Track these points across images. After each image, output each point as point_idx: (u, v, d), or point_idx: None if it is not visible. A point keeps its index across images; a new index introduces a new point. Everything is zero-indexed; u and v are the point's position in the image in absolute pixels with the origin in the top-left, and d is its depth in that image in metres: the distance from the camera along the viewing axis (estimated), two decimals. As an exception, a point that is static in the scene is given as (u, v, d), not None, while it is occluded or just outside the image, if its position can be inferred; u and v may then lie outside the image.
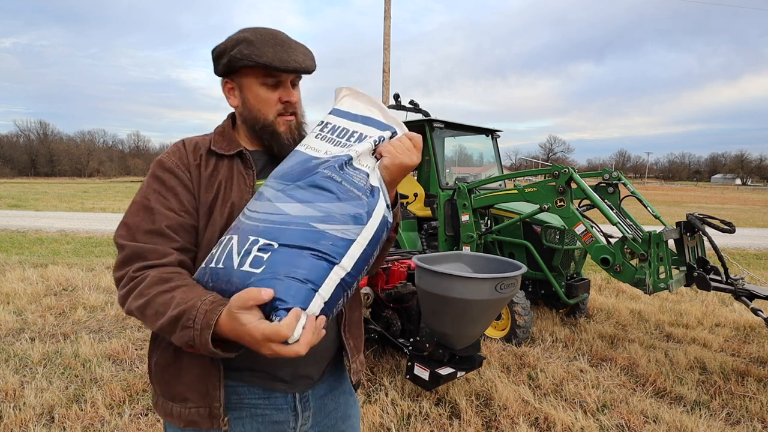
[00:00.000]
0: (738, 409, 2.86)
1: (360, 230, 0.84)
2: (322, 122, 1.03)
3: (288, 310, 0.73)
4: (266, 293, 0.73)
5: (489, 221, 4.65)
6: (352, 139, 0.96)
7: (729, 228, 3.36)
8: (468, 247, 4.38)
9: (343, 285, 0.81)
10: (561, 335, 4.05)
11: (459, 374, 2.67)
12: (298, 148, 1.00)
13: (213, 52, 1.06)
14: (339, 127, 1.00)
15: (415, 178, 6.23)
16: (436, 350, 2.62)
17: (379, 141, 0.96)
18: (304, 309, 0.75)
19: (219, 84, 1.10)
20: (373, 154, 0.95)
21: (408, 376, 2.74)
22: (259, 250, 0.80)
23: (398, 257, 3.48)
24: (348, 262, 0.81)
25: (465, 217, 4.42)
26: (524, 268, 2.20)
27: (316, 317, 0.77)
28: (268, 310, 0.74)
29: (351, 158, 0.91)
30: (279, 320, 0.72)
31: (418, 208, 5.50)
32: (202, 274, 0.88)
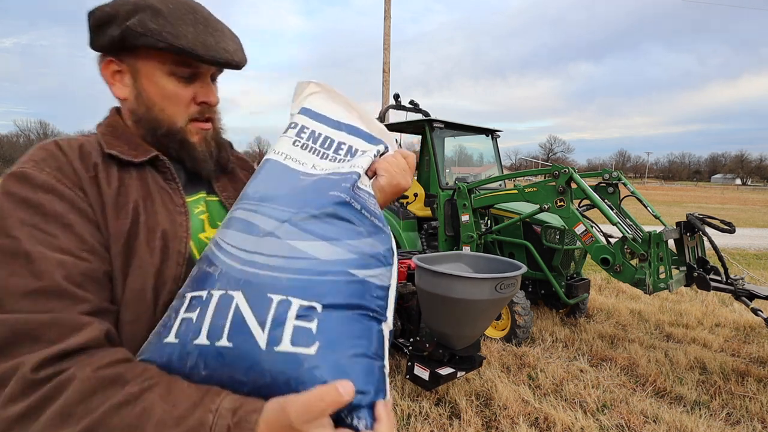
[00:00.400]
0: (738, 409, 2.86)
1: (390, 273, 0.67)
2: (296, 125, 0.83)
3: (371, 406, 0.53)
4: (347, 389, 0.51)
5: (489, 221, 4.65)
6: (341, 152, 0.80)
7: (729, 228, 3.36)
8: (468, 247, 4.38)
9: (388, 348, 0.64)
10: (561, 335, 4.05)
11: (459, 374, 2.68)
12: (273, 157, 0.78)
13: (91, 16, 0.74)
14: (320, 134, 0.82)
15: (415, 178, 6.24)
16: (436, 350, 2.63)
17: (375, 157, 0.81)
18: (385, 397, 0.55)
19: (218, 82, 0.85)
20: (365, 172, 0.77)
21: (408, 376, 2.74)
22: (298, 317, 0.56)
23: (398, 257, 3.47)
24: (390, 316, 0.65)
25: (465, 217, 4.42)
26: (524, 268, 2.20)
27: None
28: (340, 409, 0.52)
29: (359, 177, 0.73)
30: (365, 425, 0.51)
31: (418, 208, 5.50)
32: (175, 354, 0.59)
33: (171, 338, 0.60)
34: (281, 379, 0.53)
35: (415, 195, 5.56)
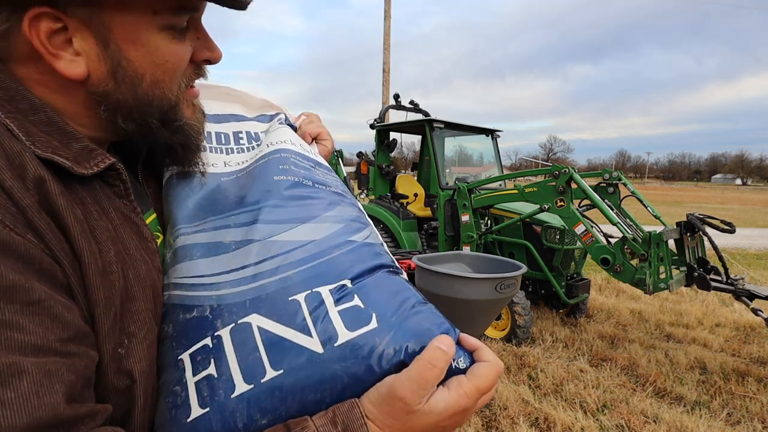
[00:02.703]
0: (738, 410, 2.86)
1: (373, 231, 0.65)
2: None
3: (458, 342, 0.52)
4: (445, 342, 0.47)
5: (489, 221, 4.65)
6: (242, 140, 0.73)
7: (729, 228, 3.35)
8: (468, 247, 4.38)
9: None
10: (561, 335, 4.05)
11: (459, 374, 2.67)
12: (175, 173, 0.65)
13: None
14: (209, 132, 0.71)
15: (415, 178, 6.24)
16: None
17: (286, 121, 0.77)
18: (457, 330, 0.53)
19: (218, 82, 0.72)
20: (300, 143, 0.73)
21: (408, 376, 2.74)
22: (336, 302, 0.51)
23: (398, 257, 3.48)
24: (400, 267, 0.62)
25: (465, 217, 4.42)
26: (524, 268, 2.20)
27: None
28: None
29: (294, 153, 0.68)
30: (466, 361, 0.50)
31: (418, 208, 5.50)
32: (215, 424, 0.47)
33: (197, 411, 0.47)
34: (361, 369, 0.46)
35: (415, 195, 5.56)
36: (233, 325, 0.50)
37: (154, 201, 0.63)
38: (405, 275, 0.61)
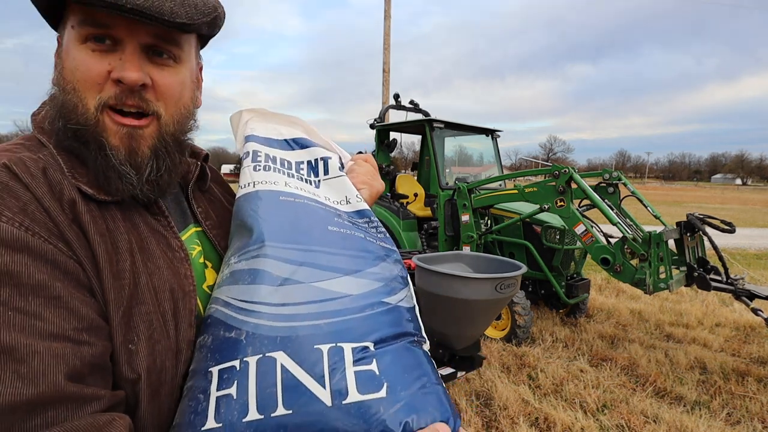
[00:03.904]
0: (738, 409, 2.86)
1: (410, 292, 0.66)
2: (248, 153, 0.76)
3: None
4: (442, 429, 0.50)
5: (489, 221, 4.65)
6: (303, 171, 0.77)
7: (729, 228, 3.35)
8: (468, 247, 4.38)
9: None
10: (561, 335, 4.05)
11: (459, 374, 2.67)
12: (243, 192, 0.70)
13: None
14: (275, 156, 0.76)
15: (415, 178, 6.23)
16: (436, 350, 2.62)
17: (341, 167, 0.80)
18: (460, 419, 0.55)
19: (218, 82, 0.77)
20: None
21: (408, 376, 2.74)
22: (355, 362, 0.53)
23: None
24: (424, 335, 0.64)
25: (465, 217, 4.42)
26: (524, 268, 2.20)
27: None
28: None
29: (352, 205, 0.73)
30: None
31: (418, 208, 5.50)
32: None
33: (211, 424, 0.50)
34: (360, 431, 0.48)
35: (415, 195, 5.56)
36: (261, 356, 0.53)
37: (205, 218, 0.72)
38: (427, 345, 0.62)
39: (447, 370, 2.61)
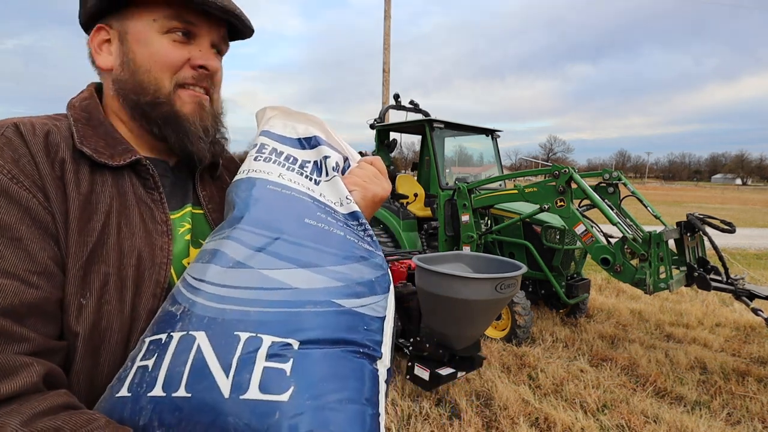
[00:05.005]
0: (738, 409, 2.86)
1: (386, 302, 0.60)
2: (257, 145, 0.78)
3: None
4: None
5: (489, 221, 4.65)
6: (307, 169, 0.76)
7: (729, 228, 3.35)
8: (468, 247, 4.38)
9: (387, 390, 0.56)
10: (561, 335, 4.05)
11: (459, 374, 2.67)
12: (239, 178, 0.73)
13: None
14: (281, 152, 0.77)
15: (415, 178, 6.23)
16: (436, 350, 2.62)
17: (345, 167, 0.78)
18: None
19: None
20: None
21: (408, 377, 2.74)
22: (269, 357, 0.49)
23: (398, 257, 3.48)
24: (386, 353, 0.58)
25: (465, 217, 4.42)
26: (524, 268, 2.20)
27: None
28: None
29: (335, 204, 0.71)
30: None
31: (418, 208, 5.50)
32: (126, 410, 0.49)
33: (123, 392, 0.50)
34: (250, 431, 0.44)
35: (415, 195, 5.56)
36: (185, 333, 0.52)
37: (208, 201, 0.78)
38: (380, 365, 0.56)
39: (447, 370, 2.61)
